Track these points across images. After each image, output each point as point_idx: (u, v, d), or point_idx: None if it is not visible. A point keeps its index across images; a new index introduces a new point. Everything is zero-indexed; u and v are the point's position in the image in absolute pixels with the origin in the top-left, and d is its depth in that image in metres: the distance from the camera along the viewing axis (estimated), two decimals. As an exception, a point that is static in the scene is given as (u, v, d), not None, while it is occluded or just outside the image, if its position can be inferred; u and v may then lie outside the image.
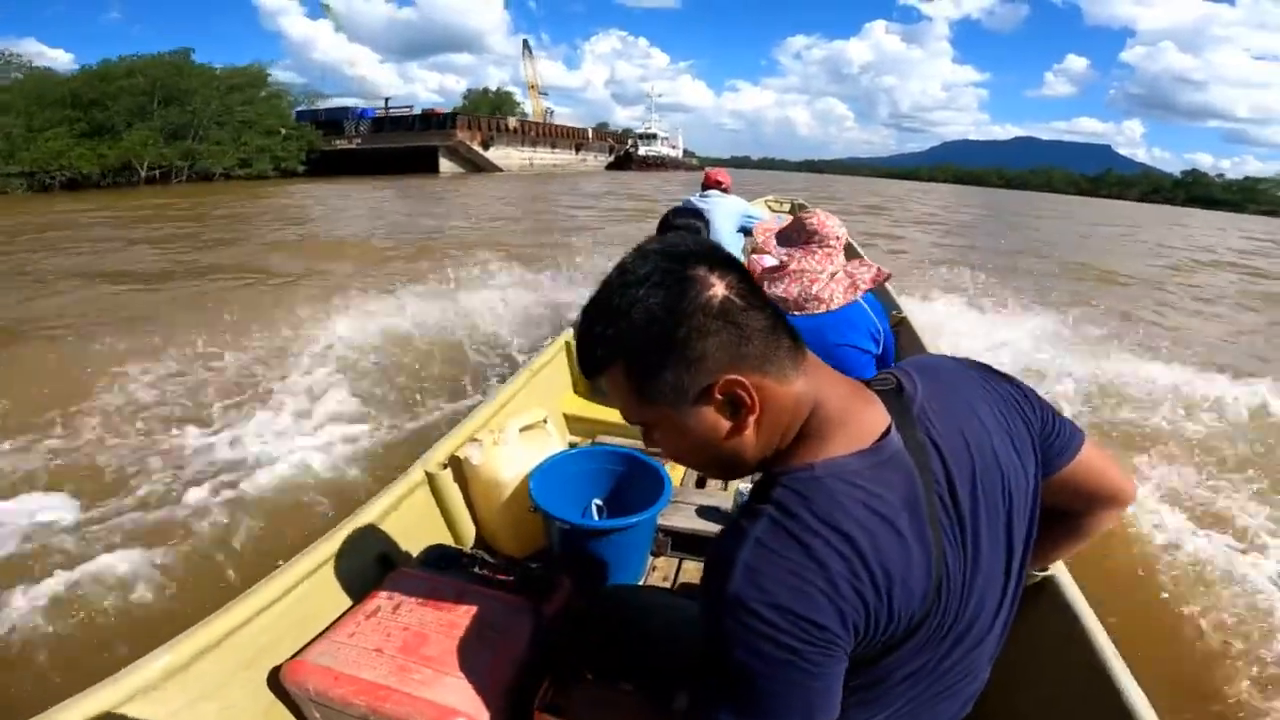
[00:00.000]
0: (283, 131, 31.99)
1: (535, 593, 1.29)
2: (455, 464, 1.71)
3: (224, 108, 28.89)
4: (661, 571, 1.74)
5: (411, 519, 1.61)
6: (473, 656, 1.13)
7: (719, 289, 0.57)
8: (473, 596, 1.27)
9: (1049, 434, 0.67)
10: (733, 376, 0.57)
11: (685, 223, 2.34)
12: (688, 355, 0.56)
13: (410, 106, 46.04)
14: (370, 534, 1.44)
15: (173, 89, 27.58)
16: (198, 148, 27.27)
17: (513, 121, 47.95)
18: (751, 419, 0.59)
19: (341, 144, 36.84)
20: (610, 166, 61.06)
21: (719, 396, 0.58)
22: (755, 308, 0.58)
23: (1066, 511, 0.75)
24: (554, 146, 53.66)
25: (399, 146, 36.37)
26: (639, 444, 2.21)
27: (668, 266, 0.57)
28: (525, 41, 72.84)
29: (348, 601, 1.30)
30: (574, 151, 57.20)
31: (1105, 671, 1.02)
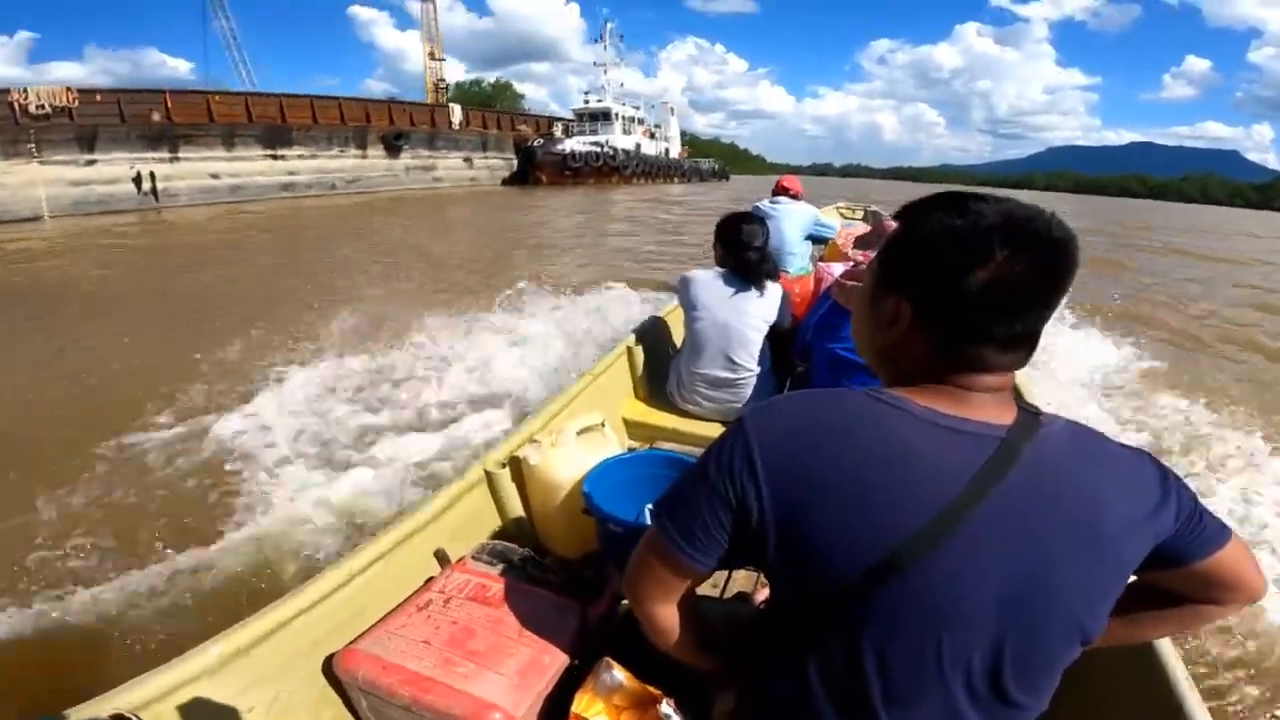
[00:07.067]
0: None
1: (583, 594, 1.28)
2: (514, 463, 1.73)
3: None
4: (712, 579, 1.69)
5: (468, 516, 1.64)
6: (516, 653, 1.13)
7: None
8: (522, 595, 1.27)
9: (1189, 529, 0.67)
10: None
11: (749, 229, 2.29)
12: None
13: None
14: (428, 529, 1.47)
15: None
16: None
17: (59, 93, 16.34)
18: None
19: None
20: (510, 180, 31.87)
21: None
22: None
23: (1190, 599, 0.74)
24: (278, 147, 21.84)
25: None
26: (697, 450, 2.18)
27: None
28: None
29: (403, 594, 1.33)
30: (374, 153, 25.38)
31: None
